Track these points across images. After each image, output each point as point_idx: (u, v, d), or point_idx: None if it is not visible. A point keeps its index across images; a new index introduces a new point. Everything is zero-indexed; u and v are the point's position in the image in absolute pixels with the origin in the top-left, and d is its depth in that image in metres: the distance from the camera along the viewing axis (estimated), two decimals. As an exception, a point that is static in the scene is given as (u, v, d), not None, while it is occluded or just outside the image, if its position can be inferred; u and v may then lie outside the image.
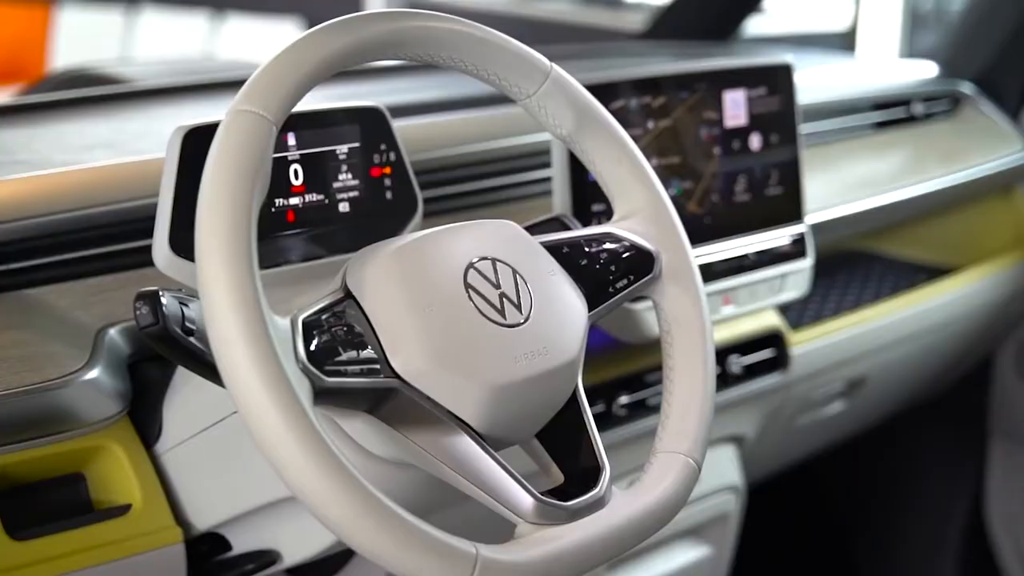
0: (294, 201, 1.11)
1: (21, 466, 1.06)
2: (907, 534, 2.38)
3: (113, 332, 1.11)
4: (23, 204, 1.13)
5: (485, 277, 0.96)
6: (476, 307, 0.94)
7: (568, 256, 1.04)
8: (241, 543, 1.17)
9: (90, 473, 1.11)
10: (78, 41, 6.09)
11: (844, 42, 3.90)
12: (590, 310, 1.03)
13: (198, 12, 5.91)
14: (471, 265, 0.96)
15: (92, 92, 1.64)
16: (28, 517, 1.06)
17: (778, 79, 1.51)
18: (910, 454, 2.37)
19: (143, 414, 1.13)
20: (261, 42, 5.48)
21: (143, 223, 1.12)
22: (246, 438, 0.84)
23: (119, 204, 1.17)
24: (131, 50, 5.96)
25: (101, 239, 1.16)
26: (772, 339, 1.63)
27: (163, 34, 5.96)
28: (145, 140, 1.36)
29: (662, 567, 1.68)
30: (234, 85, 0.92)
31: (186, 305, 0.91)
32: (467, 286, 0.94)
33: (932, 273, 2.02)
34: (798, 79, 1.54)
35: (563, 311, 0.99)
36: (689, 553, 1.72)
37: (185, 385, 1.11)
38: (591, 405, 1.38)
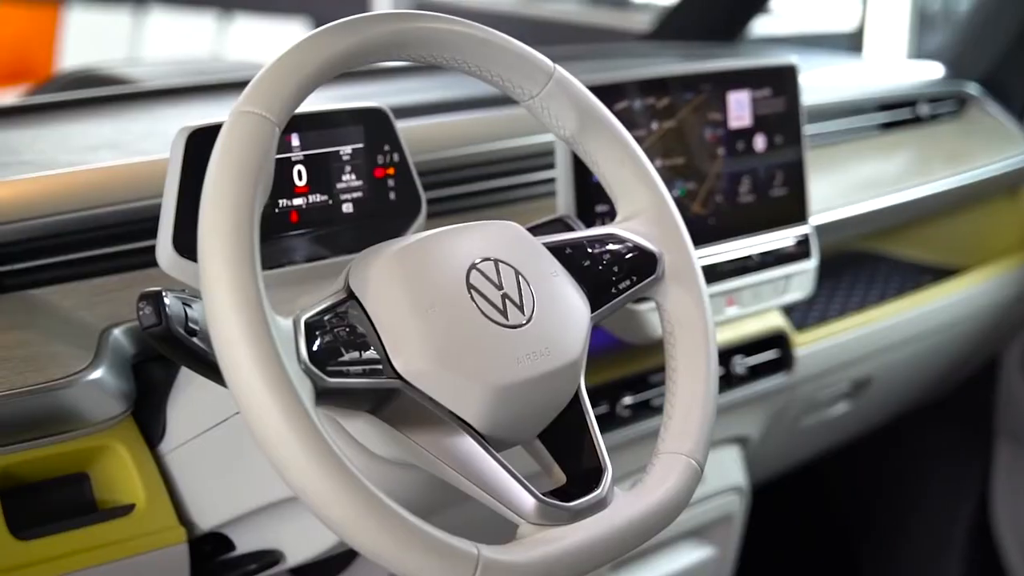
0: (298, 202, 1.11)
1: (25, 466, 1.06)
2: (912, 535, 2.38)
3: (117, 332, 1.11)
4: (28, 204, 1.13)
5: (487, 278, 0.96)
6: (478, 308, 0.94)
7: (571, 257, 1.04)
8: (244, 543, 1.17)
9: (94, 473, 1.12)
10: (86, 41, 6.10)
11: (851, 43, 3.90)
12: (593, 311, 1.03)
13: (206, 12, 5.92)
14: (473, 266, 0.96)
15: (97, 93, 1.65)
16: (32, 517, 1.06)
17: (783, 80, 1.51)
18: (915, 455, 2.37)
19: (147, 414, 1.14)
20: (268, 42, 5.49)
21: (147, 223, 1.12)
22: (249, 438, 0.84)
23: (123, 204, 1.17)
24: (139, 50, 5.97)
25: (106, 239, 1.16)
26: (776, 340, 1.63)
27: (171, 34, 5.97)
28: (150, 141, 1.37)
29: (666, 568, 1.68)
30: (239, 86, 0.92)
31: (189, 305, 0.92)
32: (469, 287, 0.94)
33: (938, 274, 2.01)
34: (804, 80, 1.54)
35: (565, 312, 0.99)
36: (693, 554, 1.72)
37: (189, 385, 1.11)
38: (595, 406, 1.38)
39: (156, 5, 6.11)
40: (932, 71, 2.29)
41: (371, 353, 0.90)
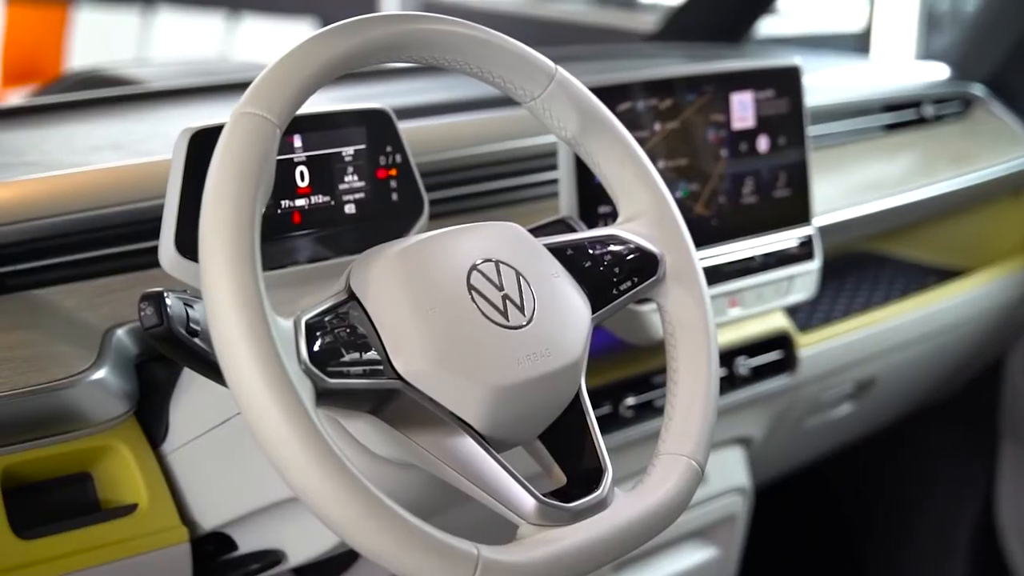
0: (300, 203, 1.11)
1: (28, 465, 1.07)
2: (917, 537, 2.37)
3: (120, 332, 1.12)
4: (31, 205, 1.14)
5: (488, 279, 0.96)
6: (479, 309, 0.94)
7: (572, 258, 1.04)
8: (247, 543, 1.17)
9: (97, 472, 1.12)
10: (95, 41, 6.12)
11: (859, 43, 3.89)
12: (593, 312, 1.03)
13: (214, 13, 5.93)
14: (474, 267, 0.96)
15: (102, 94, 1.65)
16: (35, 516, 1.07)
17: (786, 81, 1.51)
18: (919, 456, 2.37)
19: (150, 414, 1.14)
20: (277, 43, 5.49)
21: (151, 224, 1.12)
22: (251, 438, 0.84)
23: (127, 205, 1.17)
24: (148, 51, 5.98)
25: (109, 240, 1.16)
26: (780, 341, 1.63)
27: (180, 35, 5.98)
28: (153, 141, 1.37)
29: (669, 568, 1.68)
30: (244, 86, 0.92)
31: (191, 306, 0.92)
32: (470, 288, 0.95)
33: (942, 275, 2.01)
34: (809, 81, 1.54)
35: (566, 313, 1.00)
36: (696, 554, 1.72)
37: (191, 385, 1.12)
38: (598, 406, 1.39)
39: (164, 5, 6.12)
40: (937, 72, 2.29)
41: (372, 354, 0.90)
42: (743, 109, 1.46)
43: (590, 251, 1.05)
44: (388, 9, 4.80)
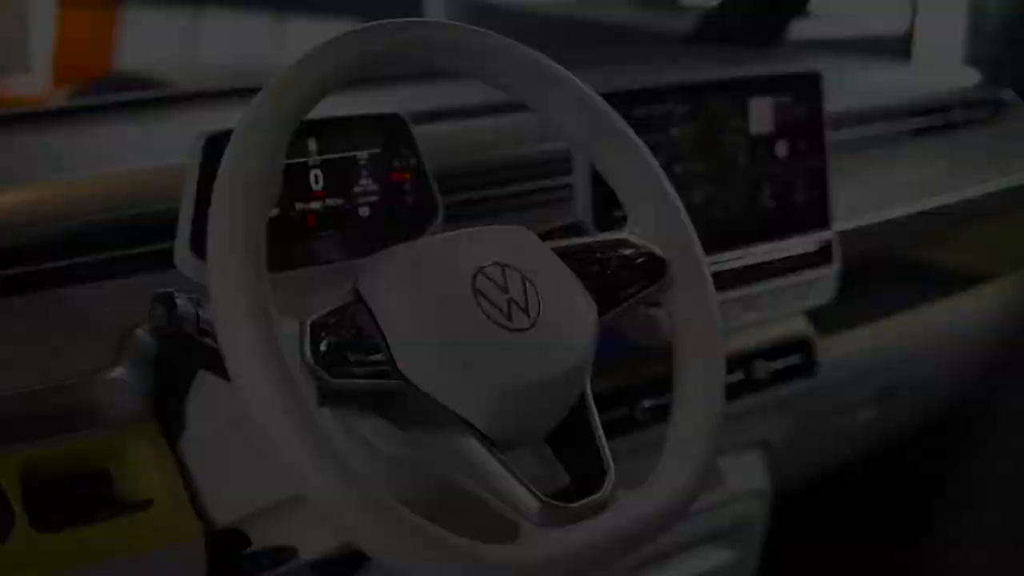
0: (314, 205, 1.13)
1: (47, 461, 1.09)
2: (944, 544, 2.36)
3: (140, 331, 1.14)
4: (56, 206, 1.16)
5: (494, 282, 0.97)
6: (484, 312, 0.95)
7: (580, 262, 1.05)
8: (260, 539, 1.19)
9: (114, 468, 1.14)
10: (143, 42, 6.16)
11: (903, 47, 3.86)
12: (600, 315, 1.03)
13: (262, 13, 5.96)
14: (480, 270, 0.97)
15: (130, 96, 1.67)
16: (53, 510, 1.09)
17: (806, 87, 1.51)
18: (947, 463, 2.35)
19: (167, 411, 1.16)
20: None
21: (173, 225, 1.14)
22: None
23: (150, 206, 1.19)
24: (196, 51, 6.02)
25: (131, 240, 1.18)
26: (799, 345, 1.63)
27: (227, 35, 6.01)
28: (181, 143, 1.39)
29: (686, 571, 1.68)
30: None
31: (202, 306, 0.94)
32: (475, 291, 0.96)
33: (970, 281, 2.00)
34: (837, 85, 1.53)
35: (571, 316, 1.01)
36: (713, 557, 1.72)
37: (207, 384, 1.14)
38: (613, 409, 1.40)
39: (213, 6, 6.16)
40: (967, 76, 2.28)
41: (377, 355, 0.92)
42: (762, 114, 1.47)
43: (598, 255, 1.06)
44: (432, 11, 4.82)
